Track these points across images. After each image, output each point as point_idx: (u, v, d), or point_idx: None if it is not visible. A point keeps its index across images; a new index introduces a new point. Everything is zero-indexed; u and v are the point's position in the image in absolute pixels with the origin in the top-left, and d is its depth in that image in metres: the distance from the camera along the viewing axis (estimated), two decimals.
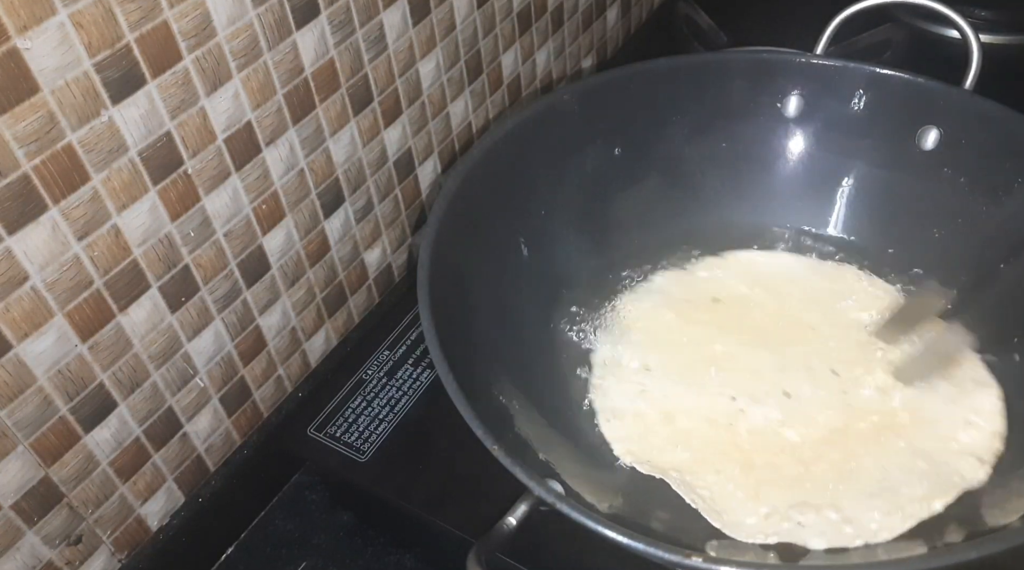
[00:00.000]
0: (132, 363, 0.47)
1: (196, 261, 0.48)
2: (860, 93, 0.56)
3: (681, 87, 0.57)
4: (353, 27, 0.53)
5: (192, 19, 0.43)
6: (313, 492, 0.57)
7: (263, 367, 0.56)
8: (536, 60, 0.73)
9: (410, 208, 0.65)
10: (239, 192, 0.49)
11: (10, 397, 0.41)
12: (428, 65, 0.61)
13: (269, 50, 0.48)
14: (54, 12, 0.37)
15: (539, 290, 0.55)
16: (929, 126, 0.55)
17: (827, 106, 0.57)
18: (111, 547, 0.49)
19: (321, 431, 0.54)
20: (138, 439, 0.49)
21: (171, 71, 0.43)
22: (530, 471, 0.37)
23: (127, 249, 0.44)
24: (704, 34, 0.82)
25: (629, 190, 0.58)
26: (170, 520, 0.53)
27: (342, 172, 0.57)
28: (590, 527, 0.36)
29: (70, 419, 0.44)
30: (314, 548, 0.54)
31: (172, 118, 0.44)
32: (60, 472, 0.45)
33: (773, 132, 0.59)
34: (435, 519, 0.50)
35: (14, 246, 0.39)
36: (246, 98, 0.48)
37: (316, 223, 0.56)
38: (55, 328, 0.42)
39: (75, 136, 0.40)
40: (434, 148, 0.65)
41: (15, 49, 0.36)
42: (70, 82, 0.39)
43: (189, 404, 0.51)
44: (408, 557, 0.53)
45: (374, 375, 0.57)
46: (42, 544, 0.45)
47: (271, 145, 0.50)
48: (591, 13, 0.79)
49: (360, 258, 0.61)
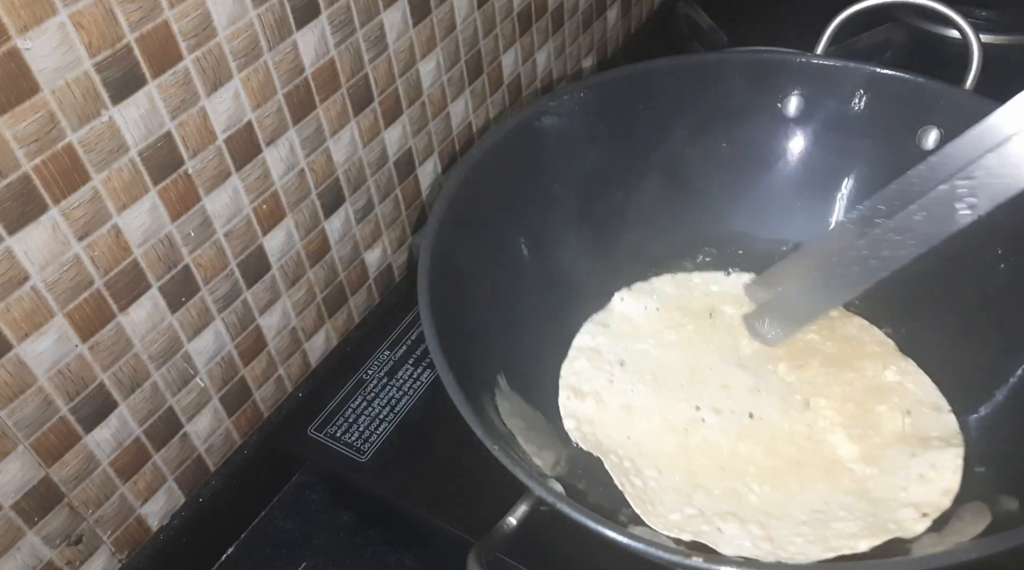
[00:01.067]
0: (132, 363, 0.47)
1: (196, 261, 0.48)
2: (860, 93, 0.56)
3: (681, 87, 0.57)
4: (353, 27, 0.53)
5: (192, 19, 0.43)
6: (313, 492, 0.57)
7: (263, 367, 0.56)
8: (536, 60, 0.73)
9: (410, 208, 0.65)
10: (239, 192, 0.49)
11: (10, 397, 0.41)
12: (428, 65, 0.61)
13: (269, 50, 0.48)
14: (54, 12, 0.37)
15: (539, 290, 0.55)
16: (929, 126, 0.55)
17: (827, 106, 0.57)
18: (111, 547, 0.49)
19: (321, 431, 0.54)
20: (138, 439, 0.49)
21: (171, 71, 0.43)
22: (530, 471, 0.37)
23: (127, 249, 0.44)
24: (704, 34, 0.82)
25: (629, 190, 0.58)
26: (170, 520, 0.53)
27: (342, 172, 0.57)
28: (590, 527, 0.36)
29: (70, 419, 0.44)
30: (314, 548, 0.54)
31: (172, 118, 0.44)
32: (60, 472, 0.45)
33: (773, 132, 0.59)
34: (435, 519, 0.50)
35: (14, 246, 0.39)
36: (246, 98, 0.48)
37: (316, 223, 0.56)
38: (55, 328, 0.42)
39: (75, 136, 0.40)
40: (434, 148, 0.65)
41: (15, 49, 0.36)
42: (70, 82, 0.39)
43: (189, 404, 0.51)
44: (408, 557, 0.53)
45: (374, 375, 0.57)
46: (42, 544, 0.45)
47: (271, 145, 0.50)
48: (591, 13, 0.79)
49: (360, 258, 0.61)
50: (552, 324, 0.56)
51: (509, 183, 0.53)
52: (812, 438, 0.51)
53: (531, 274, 0.54)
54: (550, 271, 0.56)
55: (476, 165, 0.51)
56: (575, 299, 0.57)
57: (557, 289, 0.56)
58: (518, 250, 0.54)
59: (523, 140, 0.53)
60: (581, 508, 0.36)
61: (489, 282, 0.51)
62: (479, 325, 0.49)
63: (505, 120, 0.54)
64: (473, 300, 0.49)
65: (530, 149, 0.54)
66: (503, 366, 0.49)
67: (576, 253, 0.57)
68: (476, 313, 0.49)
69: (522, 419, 0.48)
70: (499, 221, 0.52)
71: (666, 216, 0.59)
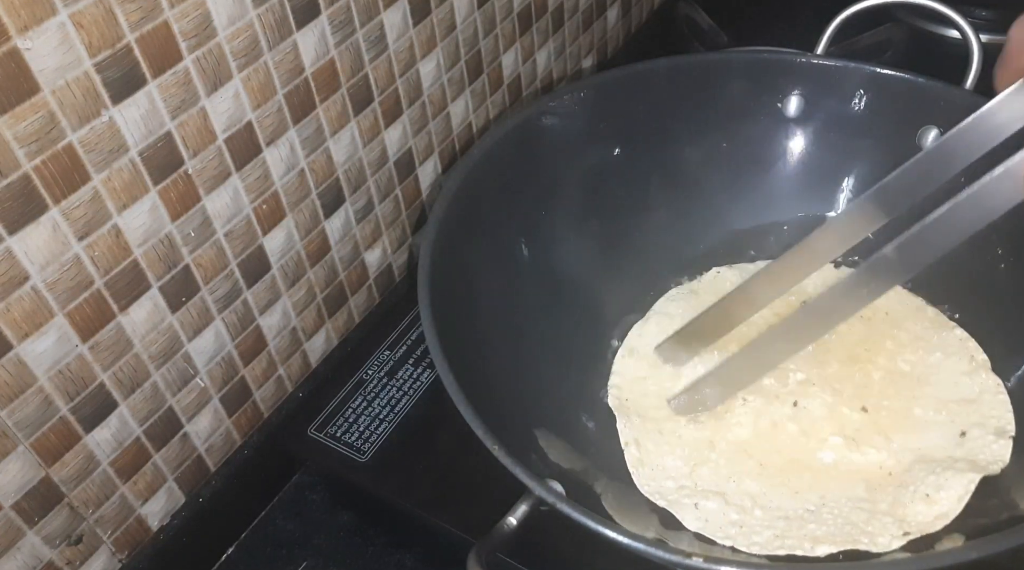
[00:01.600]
0: (132, 363, 0.47)
1: (196, 261, 0.48)
2: (860, 93, 0.56)
3: (681, 87, 0.57)
4: (354, 27, 0.53)
5: (192, 19, 0.43)
6: (313, 492, 0.57)
7: (263, 367, 0.56)
8: (536, 60, 0.73)
9: (410, 208, 0.65)
10: (239, 192, 0.49)
11: (11, 397, 0.41)
12: (428, 65, 0.61)
13: (269, 50, 0.48)
14: (55, 12, 0.37)
15: (539, 290, 0.55)
16: (929, 126, 0.55)
17: (827, 106, 0.57)
18: (111, 547, 0.49)
19: (321, 431, 0.54)
20: (138, 439, 0.49)
21: (171, 71, 0.43)
22: (530, 471, 0.37)
23: (127, 249, 0.44)
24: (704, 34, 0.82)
25: (629, 190, 0.58)
26: (170, 520, 0.53)
27: (342, 172, 0.57)
28: (590, 527, 0.36)
29: (70, 419, 0.44)
30: (314, 548, 0.54)
31: (172, 118, 0.44)
32: (60, 472, 0.45)
33: (773, 132, 0.59)
34: (435, 519, 0.50)
35: (14, 246, 0.39)
36: (246, 98, 0.48)
37: (316, 223, 0.56)
38: (55, 328, 0.42)
39: (75, 136, 0.40)
40: (434, 148, 0.65)
41: (16, 49, 0.36)
42: (70, 82, 0.39)
43: (189, 404, 0.51)
44: (408, 557, 0.53)
45: (374, 375, 0.57)
46: (43, 544, 0.45)
47: (271, 145, 0.50)
48: (591, 13, 0.79)
49: (360, 258, 0.61)
50: (552, 324, 0.56)
51: (509, 183, 0.53)
52: (848, 438, 0.50)
53: (531, 274, 0.54)
54: (550, 271, 0.56)
55: (476, 165, 0.51)
56: (575, 298, 0.57)
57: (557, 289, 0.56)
58: (518, 250, 0.54)
59: (523, 140, 0.53)
60: (581, 508, 0.36)
61: (489, 282, 0.51)
62: (479, 325, 0.49)
63: (505, 120, 0.54)
64: (473, 300, 0.49)
65: (530, 149, 0.54)
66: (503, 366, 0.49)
67: (577, 252, 0.57)
68: (476, 313, 0.49)
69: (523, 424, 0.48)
70: (499, 221, 0.52)
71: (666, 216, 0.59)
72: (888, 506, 0.46)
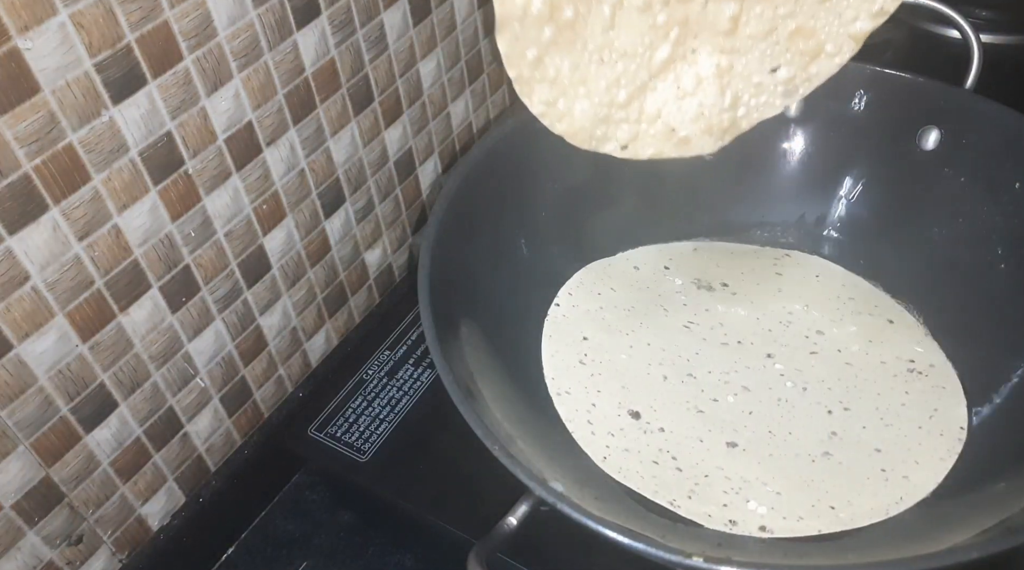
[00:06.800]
0: (133, 363, 0.47)
1: (197, 261, 0.48)
2: (860, 93, 0.56)
3: None
4: (354, 27, 0.53)
5: (193, 19, 0.43)
6: (314, 492, 0.57)
7: (264, 367, 0.56)
8: None
9: (411, 208, 0.65)
10: (240, 192, 0.49)
11: (11, 397, 0.41)
12: (429, 65, 0.61)
13: (270, 50, 0.48)
14: (55, 12, 0.37)
15: (539, 289, 0.55)
16: (930, 126, 0.55)
17: (827, 106, 0.57)
18: (112, 547, 0.49)
19: (322, 431, 0.54)
20: (139, 439, 0.49)
21: (172, 71, 0.43)
22: (530, 471, 0.37)
23: (128, 249, 0.44)
24: None
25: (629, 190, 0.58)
26: (171, 520, 0.53)
27: (343, 172, 0.57)
28: (590, 527, 0.36)
29: (71, 419, 0.44)
30: (315, 548, 0.54)
31: (173, 118, 0.44)
32: (61, 472, 0.45)
33: (773, 132, 0.59)
34: (435, 519, 0.50)
35: (15, 246, 0.39)
36: (247, 98, 0.48)
37: (317, 223, 0.56)
38: (56, 328, 0.42)
39: (76, 136, 0.40)
40: (435, 148, 0.65)
41: (16, 49, 0.36)
42: (71, 82, 0.39)
43: (190, 404, 0.51)
44: (408, 557, 0.53)
45: (375, 375, 0.57)
46: (43, 544, 0.45)
47: (272, 145, 0.50)
48: None
49: (361, 258, 0.61)
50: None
51: (509, 183, 0.53)
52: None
53: (531, 273, 0.54)
54: (550, 270, 0.56)
55: (476, 165, 0.51)
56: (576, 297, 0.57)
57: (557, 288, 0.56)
58: (518, 250, 0.54)
59: (523, 140, 0.53)
60: (581, 508, 0.36)
61: (489, 282, 0.51)
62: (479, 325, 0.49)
63: (505, 120, 0.54)
64: (473, 300, 0.49)
65: (531, 149, 0.54)
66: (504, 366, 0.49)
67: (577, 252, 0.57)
68: (476, 313, 0.49)
69: (520, 423, 0.48)
70: (499, 221, 0.52)
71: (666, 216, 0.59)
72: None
